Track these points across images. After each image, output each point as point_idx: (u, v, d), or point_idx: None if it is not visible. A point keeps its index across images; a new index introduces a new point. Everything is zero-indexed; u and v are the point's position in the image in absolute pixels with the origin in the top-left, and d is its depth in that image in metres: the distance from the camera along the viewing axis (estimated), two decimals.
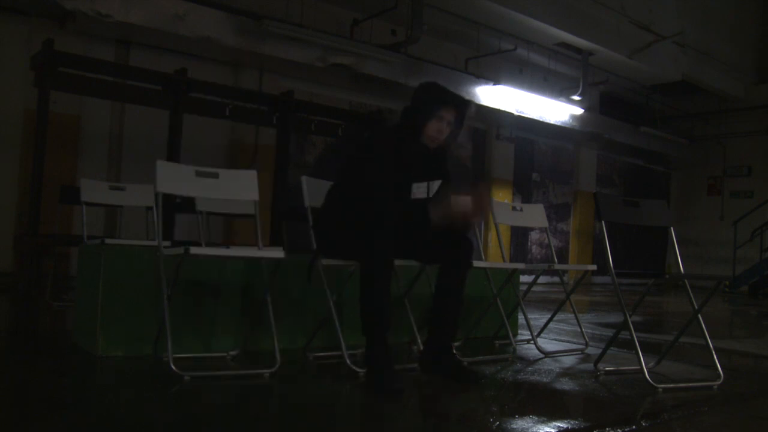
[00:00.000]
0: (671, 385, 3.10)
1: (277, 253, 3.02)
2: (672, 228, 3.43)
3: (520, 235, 11.69)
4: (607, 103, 12.52)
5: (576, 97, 10.32)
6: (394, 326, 3.75)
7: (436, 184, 3.17)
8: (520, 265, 3.96)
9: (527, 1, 8.54)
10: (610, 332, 5.09)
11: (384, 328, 2.81)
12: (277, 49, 7.53)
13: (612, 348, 4.22)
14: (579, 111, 10.88)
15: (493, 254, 10.83)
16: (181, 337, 3.15)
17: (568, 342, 4.32)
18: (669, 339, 5.04)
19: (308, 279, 3.08)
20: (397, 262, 3.35)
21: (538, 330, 4.33)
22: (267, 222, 6.71)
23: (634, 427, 2.36)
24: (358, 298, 2.83)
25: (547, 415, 2.54)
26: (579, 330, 4.20)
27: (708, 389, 3.05)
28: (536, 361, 3.64)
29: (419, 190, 3.16)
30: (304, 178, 3.37)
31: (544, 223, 4.38)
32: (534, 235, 11.95)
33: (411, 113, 3.08)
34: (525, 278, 4.25)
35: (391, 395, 2.66)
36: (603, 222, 3.33)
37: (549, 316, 4.38)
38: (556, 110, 10.65)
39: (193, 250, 2.73)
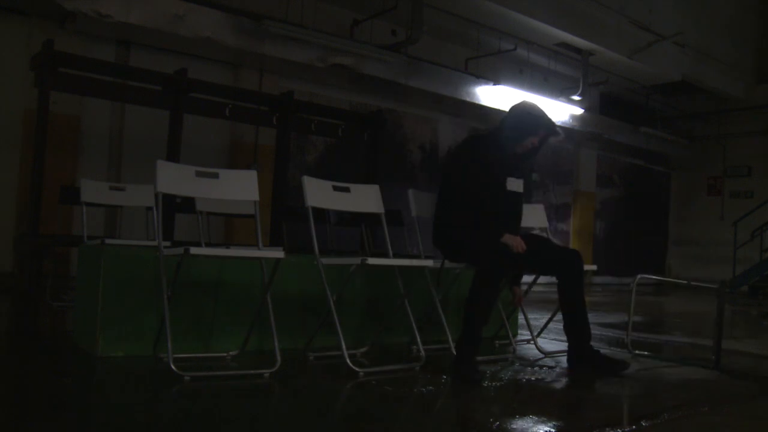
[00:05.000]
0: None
1: (277, 253, 3.02)
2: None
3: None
4: (607, 103, 12.51)
5: (576, 97, 10.32)
6: (395, 327, 3.77)
7: (520, 183, 3.62)
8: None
9: (527, 1, 8.53)
10: (610, 332, 5.09)
11: (484, 323, 3.19)
12: (277, 49, 7.52)
13: (612, 348, 4.23)
14: (579, 111, 10.88)
15: None
16: (181, 337, 3.15)
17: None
18: (668, 339, 5.05)
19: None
20: (398, 263, 3.37)
21: (538, 330, 4.33)
22: (267, 222, 6.70)
23: (634, 427, 2.36)
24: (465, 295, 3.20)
25: (547, 415, 2.54)
26: None
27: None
28: (536, 361, 3.64)
29: (513, 184, 3.56)
30: (304, 178, 3.37)
31: (544, 223, 4.37)
32: None
33: (513, 127, 3.47)
34: (525, 278, 4.24)
35: (470, 383, 2.97)
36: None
37: (549, 316, 4.37)
38: (556, 110, 10.65)
39: (193, 250, 2.73)
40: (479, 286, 3.16)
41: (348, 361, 2.97)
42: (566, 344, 3.64)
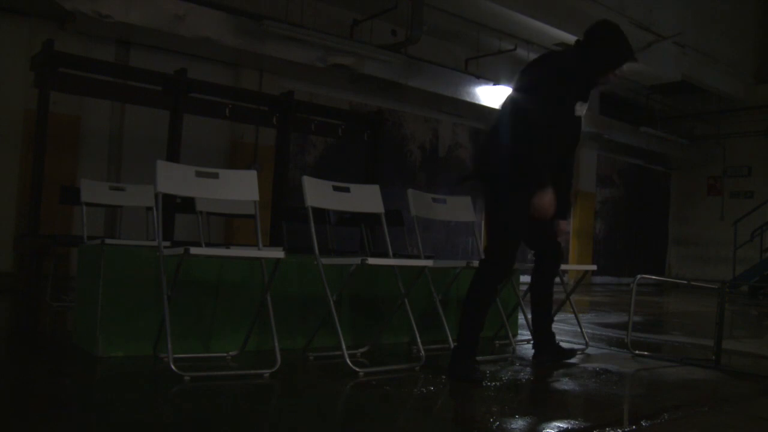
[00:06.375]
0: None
1: (277, 253, 3.02)
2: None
3: None
4: (607, 103, 12.52)
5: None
6: (395, 327, 3.78)
7: (585, 107, 3.37)
8: (520, 265, 3.96)
9: (527, 1, 8.53)
10: (610, 332, 5.09)
11: (483, 323, 3.13)
12: (277, 49, 7.52)
13: (612, 348, 4.23)
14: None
15: None
16: (181, 337, 3.15)
17: (568, 342, 4.32)
18: (668, 339, 5.05)
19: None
20: (398, 263, 3.38)
21: None
22: (267, 222, 6.71)
23: (634, 427, 2.36)
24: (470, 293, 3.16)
25: (547, 415, 2.54)
26: (579, 330, 4.21)
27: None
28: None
29: (580, 108, 3.34)
30: (304, 178, 3.38)
31: None
32: None
33: (602, 57, 3.29)
34: (525, 278, 4.25)
35: (471, 383, 2.96)
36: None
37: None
38: None
39: (193, 250, 2.73)
40: (483, 283, 3.12)
41: (348, 361, 2.97)
42: (566, 344, 3.64)
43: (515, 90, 3.25)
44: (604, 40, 3.33)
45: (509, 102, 3.24)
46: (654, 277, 4.60)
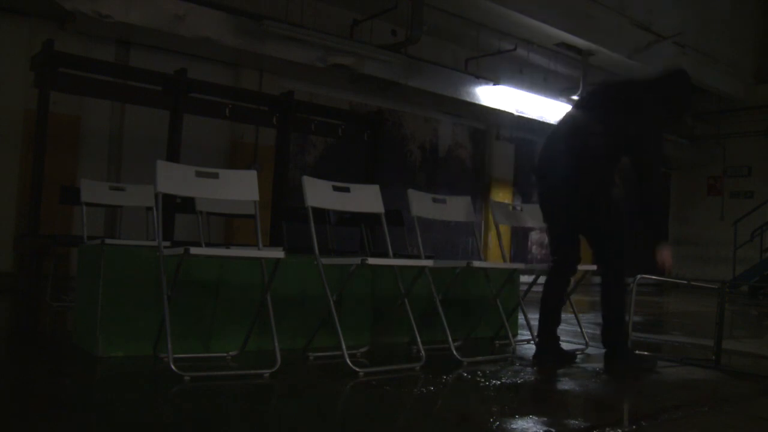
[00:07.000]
0: None
1: (277, 253, 3.02)
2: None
3: (520, 235, 11.69)
4: None
5: (576, 97, 10.31)
6: (395, 327, 3.78)
7: None
8: (520, 265, 3.97)
9: (527, 1, 8.53)
10: None
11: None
12: (277, 49, 7.52)
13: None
14: None
15: (493, 254, 10.82)
16: (181, 337, 3.15)
17: (568, 342, 4.32)
18: (668, 339, 5.05)
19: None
20: (398, 263, 3.38)
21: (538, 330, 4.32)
22: (267, 222, 6.70)
23: (634, 427, 2.36)
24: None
25: (547, 415, 2.54)
26: (579, 330, 4.21)
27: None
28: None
29: None
30: (304, 178, 3.38)
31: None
32: (534, 235, 11.95)
33: (677, 102, 3.63)
34: (525, 278, 4.26)
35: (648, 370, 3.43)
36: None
37: None
38: (556, 110, 10.64)
39: (193, 250, 2.72)
40: (620, 285, 3.59)
41: (348, 361, 2.97)
42: (566, 345, 3.64)
43: (579, 107, 3.67)
44: (678, 90, 3.61)
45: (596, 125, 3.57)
46: (654, 277, 4.59)
